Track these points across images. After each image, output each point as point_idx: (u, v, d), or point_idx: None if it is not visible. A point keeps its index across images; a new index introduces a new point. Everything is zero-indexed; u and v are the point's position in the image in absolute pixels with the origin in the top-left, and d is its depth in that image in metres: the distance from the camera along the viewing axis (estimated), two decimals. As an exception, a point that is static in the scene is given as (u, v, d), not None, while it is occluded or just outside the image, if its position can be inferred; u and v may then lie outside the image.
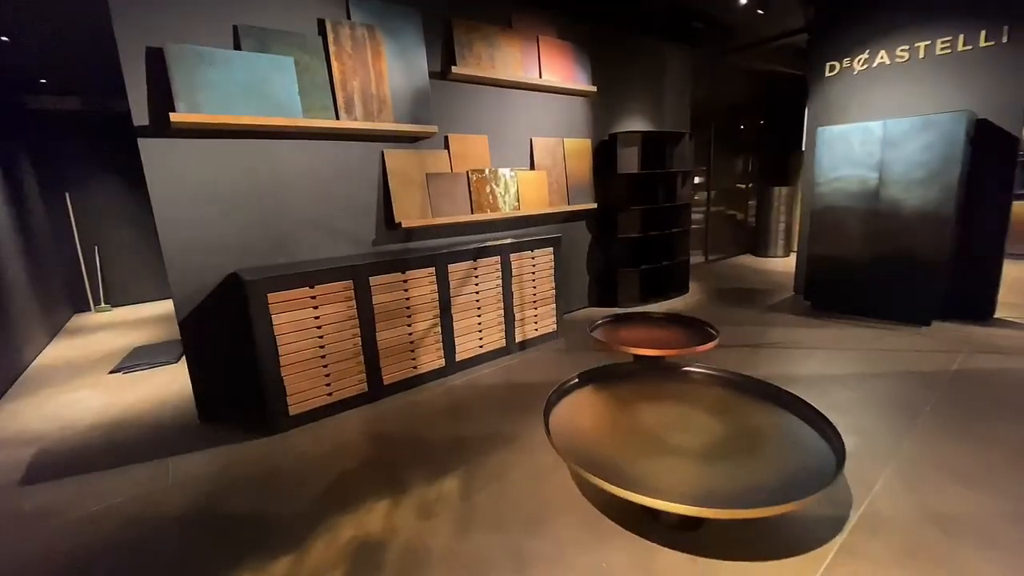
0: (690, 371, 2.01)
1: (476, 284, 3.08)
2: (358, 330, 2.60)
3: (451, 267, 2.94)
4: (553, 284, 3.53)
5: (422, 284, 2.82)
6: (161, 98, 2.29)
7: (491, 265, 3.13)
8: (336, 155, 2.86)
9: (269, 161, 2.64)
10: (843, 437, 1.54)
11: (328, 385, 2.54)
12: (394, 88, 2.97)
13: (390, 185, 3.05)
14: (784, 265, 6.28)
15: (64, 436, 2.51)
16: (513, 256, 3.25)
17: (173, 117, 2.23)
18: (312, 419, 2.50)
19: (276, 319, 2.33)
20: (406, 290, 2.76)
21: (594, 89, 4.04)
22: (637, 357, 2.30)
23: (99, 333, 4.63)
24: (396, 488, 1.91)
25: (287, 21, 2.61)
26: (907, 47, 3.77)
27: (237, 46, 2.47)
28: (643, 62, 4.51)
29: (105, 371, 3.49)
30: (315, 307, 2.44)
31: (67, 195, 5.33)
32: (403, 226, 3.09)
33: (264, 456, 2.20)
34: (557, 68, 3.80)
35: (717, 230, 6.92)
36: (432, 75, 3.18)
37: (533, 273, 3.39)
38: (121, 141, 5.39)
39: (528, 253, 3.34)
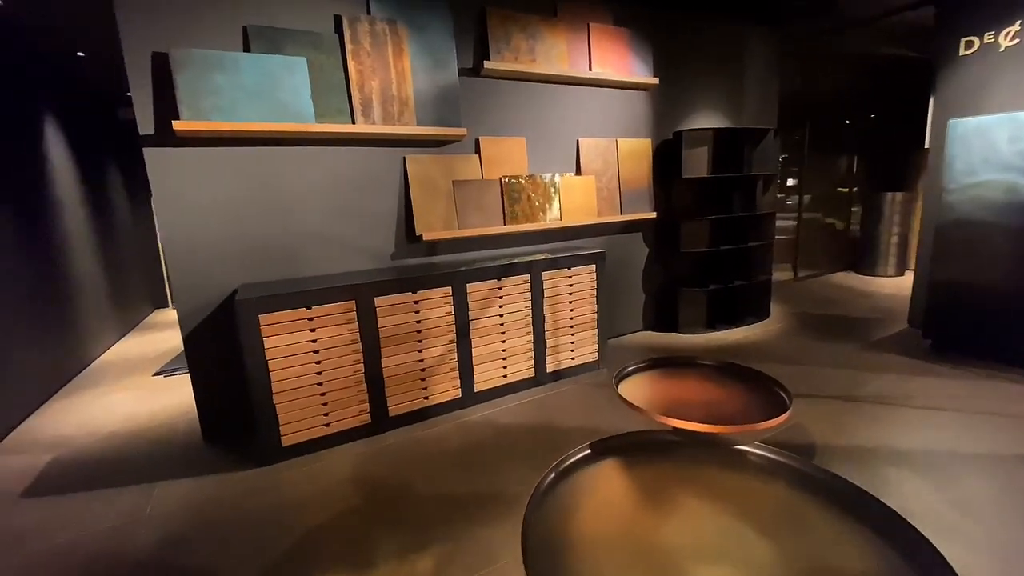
0: (746, 452, 1.49)
1: (500, 306, 2.72)
2: (361, 356, 2.35)
3: (470, 287, 2.60)
4: (594, 307, 3.07)
5: (436, 305, 2.52)
6: (167, 105, 2.19)
7: (518, 284, 2.76)
8: (353, 162, 2.65)
9: (280, 169, 2.48)
10: (976, 560, 0.98)
11: (326, 415, 2.32)
12: (418, 88, 2.70)
13: (411, 194, 2.78)
14: (896, 287, 5.22)
15: (83, 445, 2.52)
16: (546, 275, 2.84)
17: (176, 125, 2.12)
18: (307, 451, 2.29)
19: (268, 342, 2.14)
20: (417, 312, 2.47)
21: (655, 81, 3.50)
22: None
23: (168, 331, 4.90)
24: (362, 559, 1.61)
25: (301, 20, 2.43)
26: (1087, 10, 2.83)
27: (247, 48, 2.32)
28: (719, 48, 3.87)
29: (151, 372, 3.60)
30: (312, 330, 2.23)
31: (152, 198, 5.76)
32: (424, 239, 2.81)
33: (245, 495, 2.01)
34: (611, 59, 3.33)
35: (811, 242, 5.95)
36: (463, 72, 2.87)
37: (570, 294, 2.96)
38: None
39: (564, 271, 2.91)
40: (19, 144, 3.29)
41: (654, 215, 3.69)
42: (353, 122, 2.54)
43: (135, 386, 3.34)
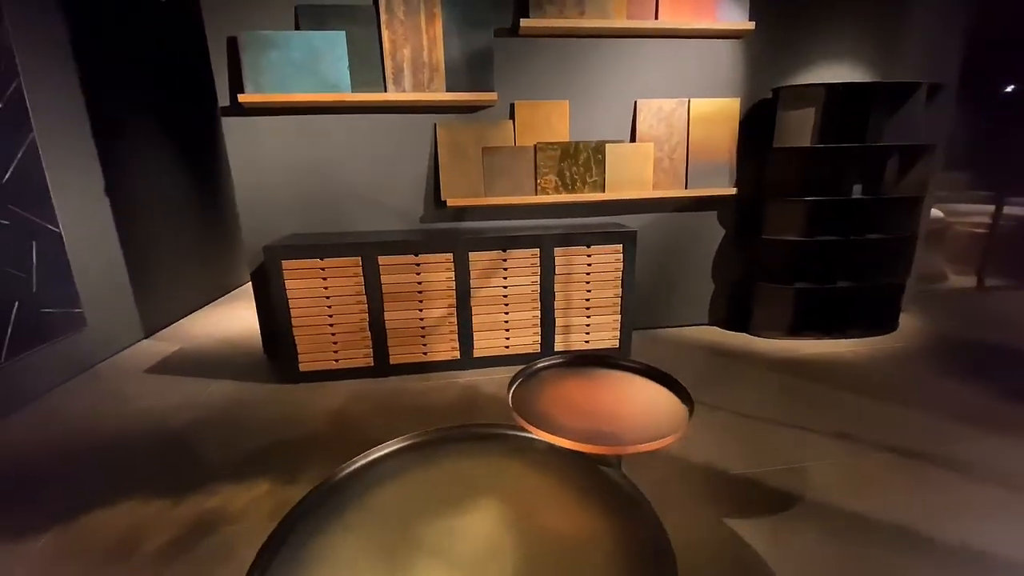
0: (607, 475, 1.32)
1: (504, 277, 2.70)
2: (365, 306, 2.63)
3: (472, 255, 2.64)
4: (618, 290, 2.82)
5: (437, 269, 2.64)
6: (237, 81, 2.66)
7: (525, 258, 2.69)
8: (386, 129, 2.84)
9: (324, 135, 2.82)
10: None
11: (335, 352, 2.68)
12: (450, 53, 2.72)
13: (440, 160, 2.88)
14: None
15: (201, 343, 3.39)
16: (558, 251, 2.70)
17: (240, 98, 2.58)
18: (319, 379, 2.70)
19: (289, 284, 2.55)
20: (418, 273, 2.63)
21: (751, 26, 2.86)
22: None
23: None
24: (291, 474, 1.91)
25: (344, -6, 2.64)
26: None
27: (298, 26, 2.64)
28: (867, -26, 2.93)
29: (275, 296, 4.54)
30: (324, 279, 2.57)
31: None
32: (449, 205, 2.91)
33: (260, 403, 2.51)
34: (687, 2, 2.82)
35: (1017, 240, 4.26)
36: (501, 32, 2.78)
37: (587, 274, 2.76)
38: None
39: (581, 249, 2.72)
40: (199, 107, 4.33)
41: (733, 191, 3.11)
42: (385, 90, 2.72)
43: (258, 305, 4.27)
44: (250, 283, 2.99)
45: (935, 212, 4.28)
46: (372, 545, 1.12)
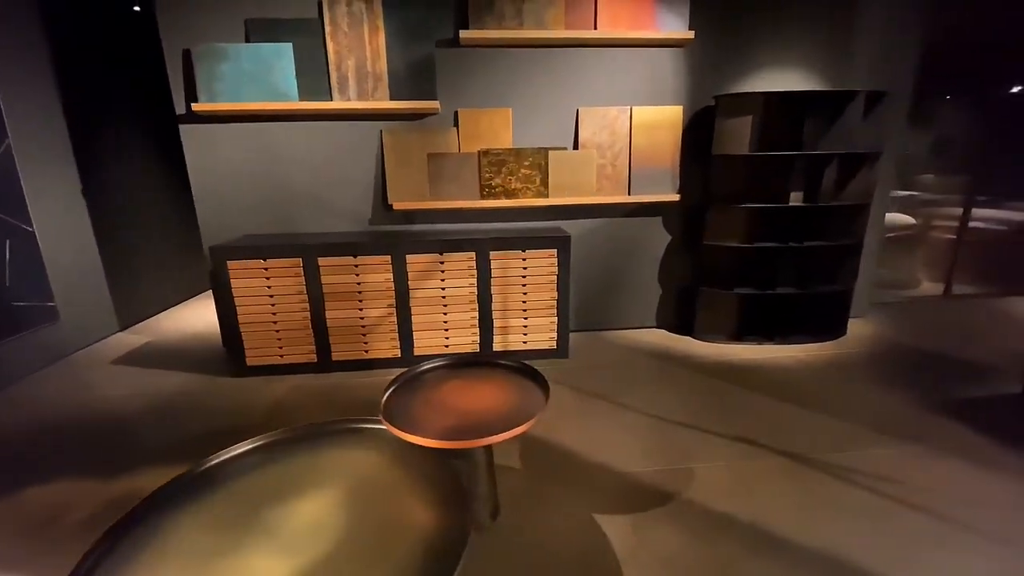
0: (454, 466, 1.42)
1: (442, 279, 2.81)
2: (307, 304, 2.77)
3: (410, 258, 2.75)
4: (554, 293, 2.90)
5: (376, 271, 2.76)
6: (192, 91, 2.82)
7: (462, 261, 2.79)
8: (334, 135, 2.97)
9: (275, 141, 2.96)
10: None
11: (280, 348, 2.83)
12: (393, 63, 2.83)
13: (386, 165, 3.00)
14: None
15: (169, 337, 3.59)
16: (494, 254, 2.80)
17: (194, 107, 2.74)
18: (265, 373, 2.85)
19: (235, 283, 2.70)
20: (358, 275, 2.76)
21: (690, 36, 2.90)
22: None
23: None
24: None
25: (292, 9, 2.77)
26: None
27: (248, 39, 2.78)
28: (811, -18, 2.95)
29: (254, 292, 4.74)
30: (268, 278, 2.72)
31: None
32: (395, 208, 3.03)
33: (206, 394, 2.67)
34: (626, 13, 2.87)
35: (998, 248, 4.19)
36: (443, 43, 2.88)
37: (524, 277, 2.85)
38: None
39: (517, 253, 2.81)
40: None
41: (676, 198, 3.16)
42: (331, 99, 2.85)
43: (236, 301, 4.46)
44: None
45: (904, 218, 4.24)
46: (218, 524, 1.25)
